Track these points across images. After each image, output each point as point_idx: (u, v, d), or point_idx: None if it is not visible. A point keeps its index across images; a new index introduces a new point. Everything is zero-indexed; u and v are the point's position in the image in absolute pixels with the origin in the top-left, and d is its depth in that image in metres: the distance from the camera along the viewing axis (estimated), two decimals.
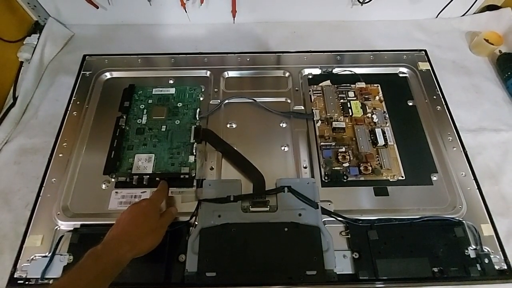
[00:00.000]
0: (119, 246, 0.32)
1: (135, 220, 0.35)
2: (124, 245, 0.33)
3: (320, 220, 0.40)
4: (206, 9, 0.61)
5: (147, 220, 0.36)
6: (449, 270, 0.37)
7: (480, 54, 0.61)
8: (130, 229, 0.34)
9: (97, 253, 0.31)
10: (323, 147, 0.47)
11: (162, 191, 0.42)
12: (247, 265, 0.37)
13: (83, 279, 0.29)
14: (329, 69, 0.55)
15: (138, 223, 0.35)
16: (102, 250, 0.31)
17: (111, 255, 0.31)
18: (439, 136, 0.48)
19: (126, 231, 0.34)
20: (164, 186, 0.42)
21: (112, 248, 0.32)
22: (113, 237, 0.34)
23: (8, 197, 0.45)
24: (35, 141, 0.50)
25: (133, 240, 0.34)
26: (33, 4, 0.59)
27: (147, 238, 0.35)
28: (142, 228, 0.35)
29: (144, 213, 0.36)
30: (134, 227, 0.35)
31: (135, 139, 0.47)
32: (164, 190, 0.42)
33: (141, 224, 0.35)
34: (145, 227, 0.35)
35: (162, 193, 0.41)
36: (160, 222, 0.37)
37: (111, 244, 0.33)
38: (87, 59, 0.57)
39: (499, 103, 0.55)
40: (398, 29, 0.65)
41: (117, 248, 0.32)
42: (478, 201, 0.43)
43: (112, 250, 0.32)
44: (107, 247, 0.32)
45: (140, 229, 0.35)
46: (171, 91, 0.52)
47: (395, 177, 0.45)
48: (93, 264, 0.30)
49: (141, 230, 0.35)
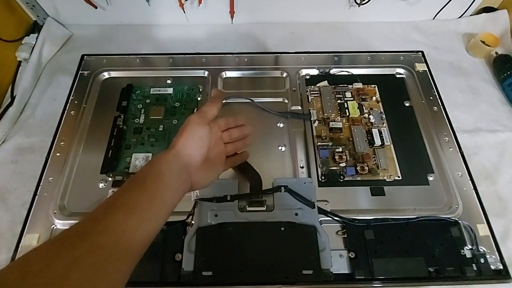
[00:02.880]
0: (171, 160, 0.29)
1: (179, 136, 0.31)
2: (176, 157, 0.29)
3: (316, 220, 0.40)
4: (204, 9, 0.62)
5: (194, 139, 0.31)
6: (445, 270, 0.37)
7: (477, 55, 0.61)
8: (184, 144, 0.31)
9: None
10: (320, 147, 0.47)
11: (213, 102, 0.35)
12: (244, 264, 0.37)
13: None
14: (327, 70, 0.55)
15: (184, 142, 0.31)
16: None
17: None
18: (436, 137, 0.48)
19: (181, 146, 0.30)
20: (217, 95, 0.36)
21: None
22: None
23: (5, 196, 0.45)
24: (32, 140, 0.50)
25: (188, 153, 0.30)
26: (32, 4, 0.59)
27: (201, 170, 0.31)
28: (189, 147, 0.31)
29: (189, 129, 0.32)
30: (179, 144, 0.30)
31: (133, 139, 0.48)
32: (216, 100, 0.35)
33: (188, 143, 0.31)
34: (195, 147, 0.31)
35: (212, 106, 0.35)
36: (219, 155, 0.34)
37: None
38: (85, 59, 0.57)
39: (496, 104, 0.55)
40: (395, 30, 0.65)
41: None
42: (474, 201, 0.43)
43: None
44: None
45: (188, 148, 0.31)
46: (169, 91, 0.53)
47: (391, 177, 0.45)
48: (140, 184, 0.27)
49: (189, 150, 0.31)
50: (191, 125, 0.32)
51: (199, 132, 0.32)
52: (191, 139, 0.32)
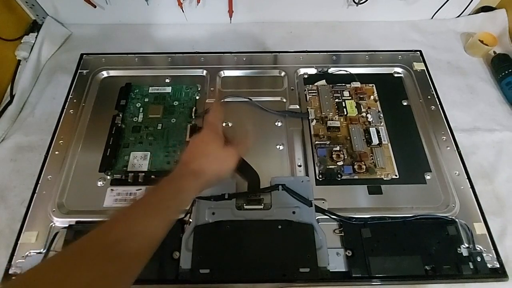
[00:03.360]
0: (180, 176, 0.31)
1: (193, 149, 0.34)
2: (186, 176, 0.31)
3: (314, 218, 0.40)
4: (203, 9, 0.62)
5: (207, 147, 0.34)
6: (442, 268, 0.38)
7: (475, 55, 0.61)
8: (189, 159, 0.33)
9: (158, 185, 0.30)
10: (318, 146, 0.47)
11: (216, 111, 0.38)
12: (241, 262, 0.37)
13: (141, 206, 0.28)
14: (325, 69, 0.55)
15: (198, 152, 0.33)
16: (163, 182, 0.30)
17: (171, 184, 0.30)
18: (433, 136, 0.48)
19: (185, 162, 0.33)
20: (218, 106, 0.39)
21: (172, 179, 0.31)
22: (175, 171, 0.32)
23: (4, 194, 0.45)
24: (31, 139, 0.50)
25: (195, 169, 0.32)
26: (31, 3, 0.60)
27: (210, 165, 0.33)
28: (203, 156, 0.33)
29: (202, 140, 0.34)
30: (192, 157, 0.33)
31: (131, 137, 0.48)
32: (218, 110, 0.38)
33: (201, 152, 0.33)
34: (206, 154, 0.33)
35: (217, 113, 0.37)
36: (226, 150, 0.34)
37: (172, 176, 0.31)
38: (85, 58, 0.57)
39: (493, 103, 0.55)
40: (394, 29, 0.65)
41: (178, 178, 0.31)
42: (471, 200, 0.43)
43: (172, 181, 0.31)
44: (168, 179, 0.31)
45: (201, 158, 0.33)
46: (168, 89, 0.53)
47: (389, 175, 0.45)
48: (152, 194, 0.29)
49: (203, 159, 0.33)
50: (215, 152, 0.34)
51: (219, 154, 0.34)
52: (215, 163, 0.34)
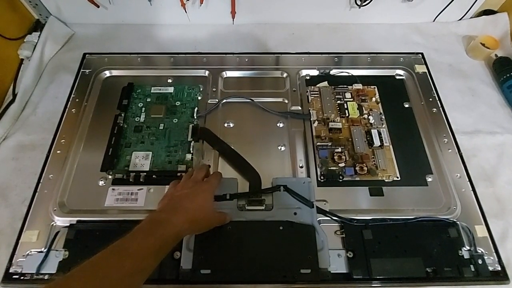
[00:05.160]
0: (158, 214, 0.33)
1: (193, 197, 0.36)
2: (166, 211, 0.33)
3: (315, 219, 0.40)
4: (206, 9, 0.62)
5: (206, 203, 0.36)
6: (443, 270, 0.38)
7: (477, 58, 0.61)
8: (187, 204, 0.35)
9: (153, 218, 0.32)
10: (320, 147, 0.47)
11: (218, 179, 0.41)
12: (242, 263, 0.37)
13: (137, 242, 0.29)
14: (327, 71, 0.55)
15: (198, 202, 0.35)
16: (156, 217, 0.32)
17: (167, 225, 0.32)
18: (435, 138, 0.49)
19: (184, 206, 0.34)
20: (219, 176, 0.41)
21: (165, 218, 0.32)
22: (164, 207, 0.35)
23: (5, 193, 0.45)
24: (33, 138, 0.50)
25: (175, 206, 0.34)
26: (35, 3, 0.60)
27: (190, 202, 0.35)
28: (202, 209, 0.35)
29: (204, 196, 0.36)
30: (189, 202, 0.35)
31: (133, 137, 0.48)
32: (219, 179, 0.41)
33: (201, 205, 0.36)
34: (203, 207, 0.36)
35: (218, 182, 0.40)
36: (214, 212, 0.38)
37: (163, 213, 0.33)
38: (87, 57, 0.57)
39: (495, 106, 0.55)
40: (396, 32, 0.65)
41: (171, 219, 0.32)
42: (472, 203, 0.43)
43: (166, 221, 0.32)
44: (161, 215, 0.33)
45: (200, 210, 0.35)
46: (170, 90, 0.53)
47: (390, 177, 0.45)
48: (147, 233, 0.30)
49: (200, 211, 0.35)
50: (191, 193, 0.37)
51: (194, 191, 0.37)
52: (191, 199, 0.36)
